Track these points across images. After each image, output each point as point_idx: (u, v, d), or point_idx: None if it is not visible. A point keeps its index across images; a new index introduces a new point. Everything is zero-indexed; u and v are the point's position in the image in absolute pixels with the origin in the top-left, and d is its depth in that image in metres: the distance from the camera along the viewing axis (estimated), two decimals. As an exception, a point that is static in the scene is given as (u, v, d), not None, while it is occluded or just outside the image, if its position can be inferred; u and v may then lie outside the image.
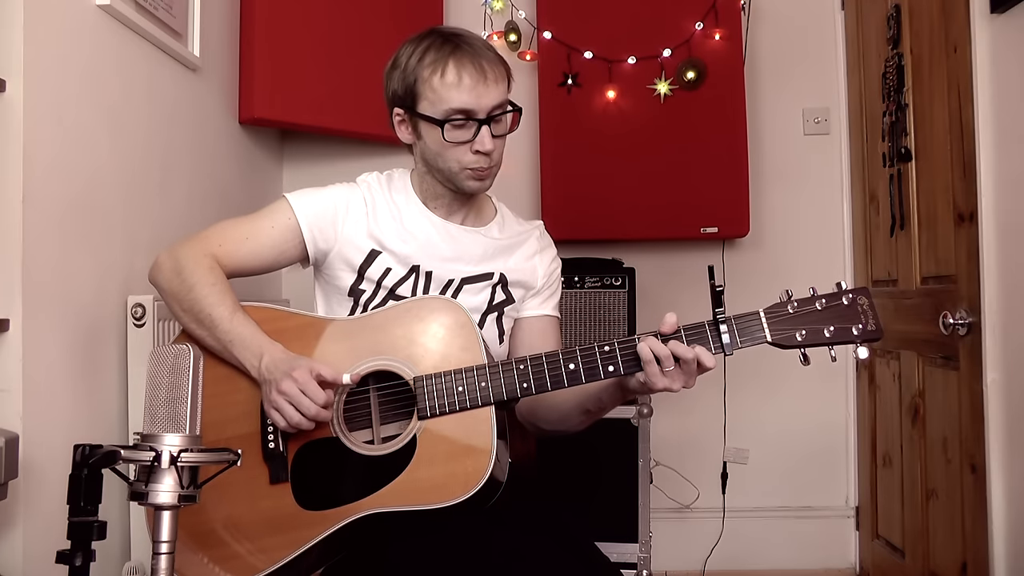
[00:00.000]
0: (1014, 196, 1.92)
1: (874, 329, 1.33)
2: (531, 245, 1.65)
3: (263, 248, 1.54)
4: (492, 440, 1.35)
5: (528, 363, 1.38)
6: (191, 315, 1.46)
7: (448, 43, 1.48)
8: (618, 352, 1.36)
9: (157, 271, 1.52)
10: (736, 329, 1.34)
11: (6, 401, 1.49)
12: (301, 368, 1.36)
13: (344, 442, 1.40)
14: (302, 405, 1.35)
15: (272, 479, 1.41)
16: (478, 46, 1.50)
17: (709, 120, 2.86)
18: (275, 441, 1.41)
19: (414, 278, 1.55)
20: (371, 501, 1.35)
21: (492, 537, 1.34)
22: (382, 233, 1.55)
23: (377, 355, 1.43)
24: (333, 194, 1.57)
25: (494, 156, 1.51)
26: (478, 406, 1.37)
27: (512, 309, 1.62)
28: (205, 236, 1.53)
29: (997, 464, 1.96)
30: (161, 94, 2.08)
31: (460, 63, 1.46)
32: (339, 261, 1.55)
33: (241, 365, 1.43)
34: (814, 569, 2.97)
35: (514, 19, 2.99)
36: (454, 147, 1.49)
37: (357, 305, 1.55)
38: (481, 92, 1.46)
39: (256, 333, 1.43)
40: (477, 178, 1.52)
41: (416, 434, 1.37)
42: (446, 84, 1.46)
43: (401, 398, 1.44)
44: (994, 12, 1.95)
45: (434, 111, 1.48)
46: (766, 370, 2.90)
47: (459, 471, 1.34)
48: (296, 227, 1.54)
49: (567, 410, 1.51)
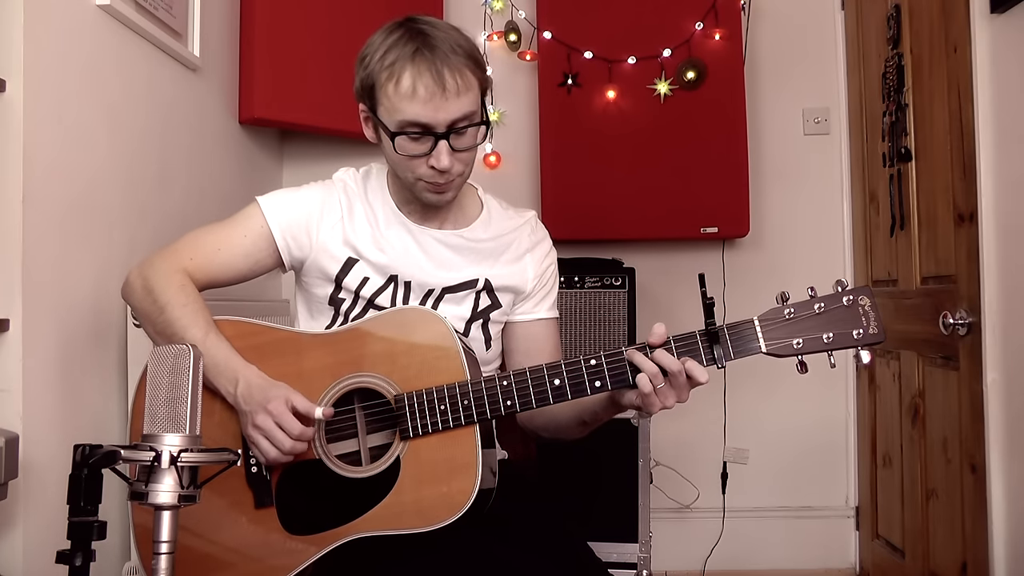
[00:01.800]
0: (1014, 196, 1.92)
1: (876, 332, 1.26)
2: (521, 243, 1.56)
3: (236, 259, 1.47)
4: (477, 459, 1.31)
5: (512, 379, 1.32)
6: (164, 337, 1.39)
7: (412, 43, 1.34)
8: (605, 366, 1.29)
9: (129, 290, 1.46)
10: (729, 340, 1.27)
11: (6, 401, 1.49)
12: (276, 400, 1.30)
13: (327, 464, 1.36)
14: (276, 440, 1.30)
15: (257, 504, 1.37)
16: (443, 50, 1.34)
17: (709, 120, 2.86)
18: (257, 465, 1.37)
19: (393, 288, 1.48)
20: (357, 525, 1.31)
21: (485, 555, 1.30)
22: (358, 240, 1.48)
23: (357, 371, 1.37)
24: (307, 198, 1.49)
25: (454, 170, 1.39)
26: (461, 425, 1.32)
27: (500, 314, 1.54)
28: (175, 250, 1.46)
29: (997, 464, 1.96)
30: (161, 94, 2.08)
31: (417, 71, 1.32)
32: (315, 270, 1.49)
33: (216, 390, 1.37)
34: (814, 569, 2.98)
35: (514, 19, 2.99)
36: (408, 160, 1.38)
37: (338, 314, 1.50)
38: (438, 105, 1.33)
39: (230, 357, 1.37)
40: (435, 191, 1.42)
41: (400, 455, 1.33)
42: (400, 94, 1.34)
43: (385, 414, 1.39)
44: (994, 12, 1.95)
45: (389, 120, 1.37)
46: (766, 370, 2.85)
47: (444, 493, 1.29)
48: (269, 235, 1.47)
49: (563, 422, 1.47)
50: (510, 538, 1.36)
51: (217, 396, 1.39)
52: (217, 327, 1.41)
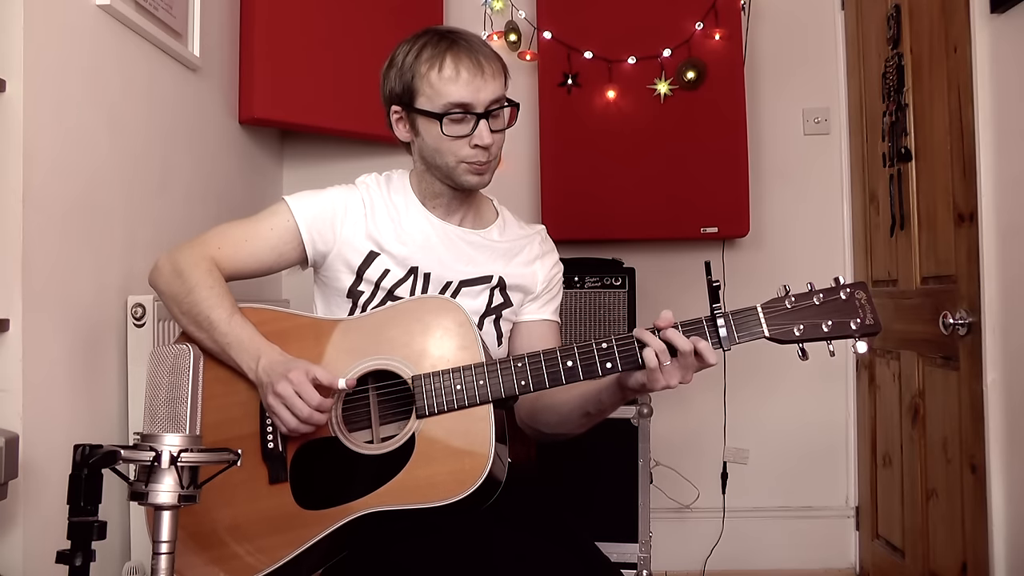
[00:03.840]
0: (1014, 196, 1.92)
1: (872, 323, 1.32)
2: (532, 250, 1.65)
3: (262, 251, 1.54)
4: (490, 438, 1.35)
5: (526, 361, 1.38)
6: (190, 317, 1.46)
7: (445, 39, 1.49)
8: (616, 349, 1.35)
9: (157, 274, 1.52)
10: (733, 324, 1.33)
11: (6, 401, 1.49)
12: (297, 370, 1.36)
13: (343, 441, 1.40)
14: (295, 407, 1.35)
15: (271, 479, 1.41)
16: (475, 42, 1.51)
17: (709, 120, 2.86)
18: (274, 441, 1.42)
19: (412, 279, 1.55)
20: (369, 500, 1.35)
21: (494, 537, 1.33)
22: (380, 234, 1.55)
23: (375, 355, 1.43)
24: (331, 196, 1.57)
25: (492, 150, 1.51)
26: (476, 404, 1.37)
27: (511, 312, 1.61)
28: (204, 239, 1.53)
29: (997, 464, 1.96)
30: (161, 94, 2.08)
31: (457, 58, 1.47)
32: (338, 262, 1.56)
33: (239, 367, 1.43)
34: (814, 569, 2.98)
35: (514, 19, 2.99)
36: (452, 141, 1.49)
37: (356, 306, 1.55)
38: (479, 86, 1.47)
39: (254, 335, 1.43)
40: (476, 172, 1.52)
41: (415, 433, 1.37)
42: (444, 79, 1.47)
43: (400, 398, 1.44)
44: (994, 12, 1.95)
45: (432, 106, 1.48)
46: (766, 370, 2.90)
47: (457, 470, 1.34)
48: (295, 229, 1.54)
49: (567, 412, 1.51)
50: (521, 526, 1.38)
51: (239, 376, 1.44)
52: (241, 312, 1.47)
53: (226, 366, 1.45)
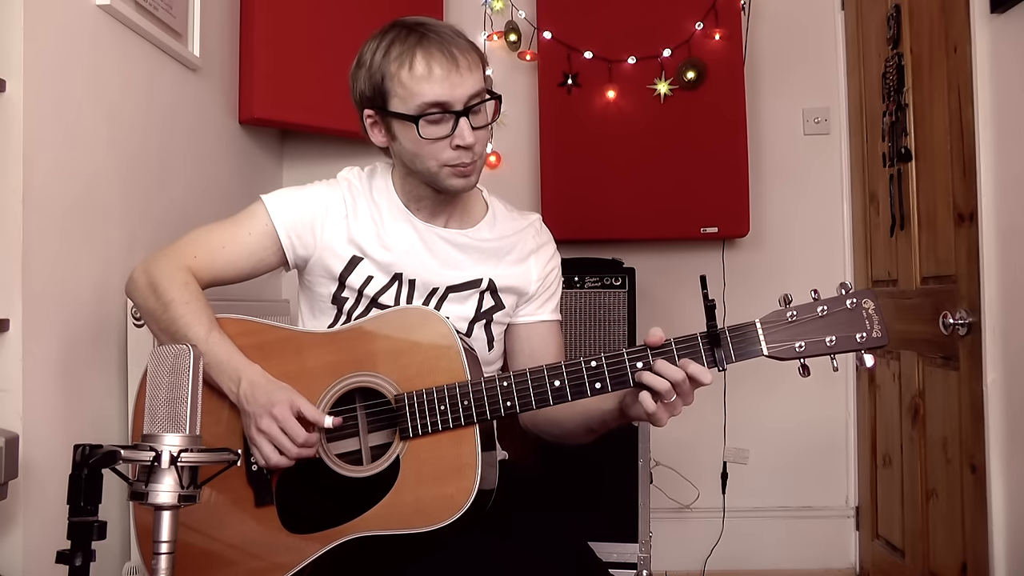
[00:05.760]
0: (1014, 196, 1.92)
1: (879, 336, 1.24)
2: (525, 244, 1.56)
3: (240, 257, 1.47)
4: (476, 460, 1.30)
5: (512, 380, 1.31)
6: (168, 335, 1.40)
7: (413, 33, 1.38)
8: (606, 368, 1.28)
9: (133, 287, 1.46)
10: (731, 342, 1.26)
11: (6, 401, 1.49)
12: (281, 404, 1.31)
13: (327, 463, 1.36)
14: (283, 446, 1.31)
15: (257, 502, 1.37)
16: (446, 33, 1.38)
17: (709, 120, 2.86)
18: (258, 463, 1.37)
19: (397, 286, 1.48)
20: (356, 525, 1.32)
21: (484, 556, 1.30)
22: (363, 239, 1.48)
23: (357, 371, 1.37)
24: (312, 196, 1.50)
25: (477, 149, 1.40)
26: (461, 426, 1.31)
27: (503, 315, 1.54)
28: (179, 247, 1.46)
29: (997, 464, 1.96)
30: (161, 94, 2.08)
31: (428, 53, 1.35)
32: (319, 268, 1.49)
33: (219, 388, 1.38)
34: (814, 569, 2.98)
35: (514, 19, 2.99)
36: (431, 144, 1.38)
37: (341, 313, 1.50)
38: (455, 82, 1.35)
39: (233, 354, 1.38)
40: (460, 175, 1.42)
41: (399, 455, 1.33)
42: (416, 77, 1.35)
43: (386, 413, 1.40)
44: (994, 12, 1.95)
45: (406, 107, 1.37)
46: (766, 370, 2.85)
47: (444, 494, 1.29)
48: (273, 233, 1.47)
49: (571, 427, 1.46)
50: (510, 538, 1.36)
51: (221, 395, 1.39)
52: (220, 325, 1.41)
53: (206, 384, 1.39)
